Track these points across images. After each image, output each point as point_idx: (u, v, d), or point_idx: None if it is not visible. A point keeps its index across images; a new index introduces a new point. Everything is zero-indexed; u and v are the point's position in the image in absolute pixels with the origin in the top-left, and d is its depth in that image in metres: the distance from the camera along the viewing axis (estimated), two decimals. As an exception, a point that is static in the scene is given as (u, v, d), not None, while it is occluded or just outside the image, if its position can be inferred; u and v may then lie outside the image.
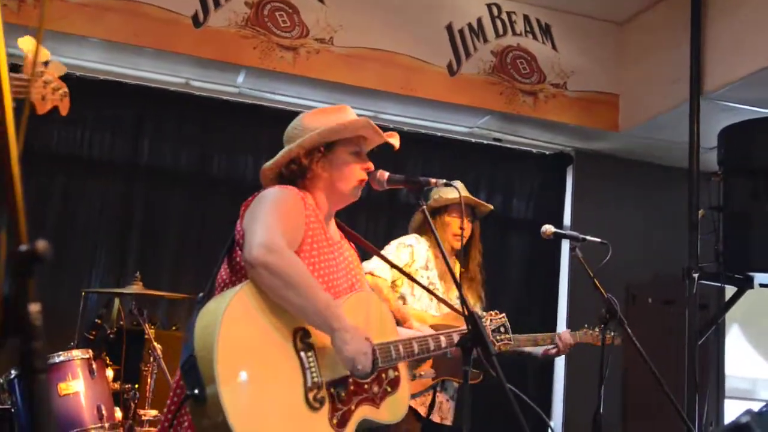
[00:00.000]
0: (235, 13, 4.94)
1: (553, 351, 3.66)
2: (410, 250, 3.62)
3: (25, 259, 1.02)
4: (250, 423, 1.88)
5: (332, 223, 2.45)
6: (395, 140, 2.48)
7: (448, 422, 3.64)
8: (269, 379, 1.97)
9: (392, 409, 2.31)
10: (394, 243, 3.67)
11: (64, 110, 1.80)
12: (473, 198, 3.80)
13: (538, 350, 3.69)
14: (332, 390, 2.11)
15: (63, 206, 5.17)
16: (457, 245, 3.66)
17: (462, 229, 3.58)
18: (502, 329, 3.16)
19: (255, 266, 1.99)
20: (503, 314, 3.18)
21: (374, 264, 3.49)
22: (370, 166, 2.41)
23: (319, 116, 2.40)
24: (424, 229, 3.71)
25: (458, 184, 3.69)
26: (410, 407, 3.39)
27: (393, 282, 3.56)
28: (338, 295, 2.26)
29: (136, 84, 5.35)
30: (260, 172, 2.41)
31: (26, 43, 1.64)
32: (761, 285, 4.88)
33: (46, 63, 1.70)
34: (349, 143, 2.38)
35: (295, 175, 2.33)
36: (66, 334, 4.26)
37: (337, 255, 2.34)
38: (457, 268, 3.69)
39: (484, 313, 3.21)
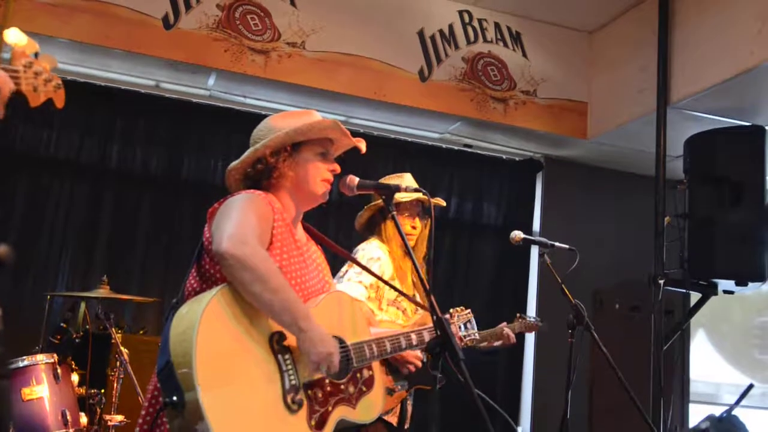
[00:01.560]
0: (206, 16, 4.92)
1: (497, 344, 3.76)
2: (378, 264, 3.56)
3: (-13, 263, 1.00)
4: (229, 428, 1.87)
5: (299, 226, 2.45)
6: (362, 144, 2.49)
7: (407, 424, 3.65)
8: (248, 383, 1.96)
9: (367, 409, 2.33)
10: (362, 257, 3.61)
11: (59, 102, 1.77)
12: (424, 196, 3.72)
13: (483, 344, 3.80)
14: (309, 392, 2.11)
15: (28, 208, 5.09)
16: (410, 244, 3.61)
17: (413, 228, 3.57)
18: (468, 325, 3.20)
19: (226, 257, 1.98)
20: (468, 310, 3.22)
21: (351, 288, 3.46)
22: (337, 167, 2.42)
23: (286, 118, 2.41)
24: (376, 230, 3.65)
25: (408, 176, 3.66)
26: (386, 421, 3.40)
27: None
28: (310, 296, 2.27)
29: (106, 85, 5.30)
30: (226, 172, 2.40)
31: (11, 35, 1.62)
32: (725, 291, 4.96)
33: (35, 54, 1.68)
34: (315, 144, 2.39)
35: (261, 174, 2.32)
36: (30, 338, 4.20)
37: (306, 257, 2.35)
38: (407, 265, 3.64)
39: (451, 310, 3.23)
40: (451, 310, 3.21)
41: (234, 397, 1.91)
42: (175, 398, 1.86)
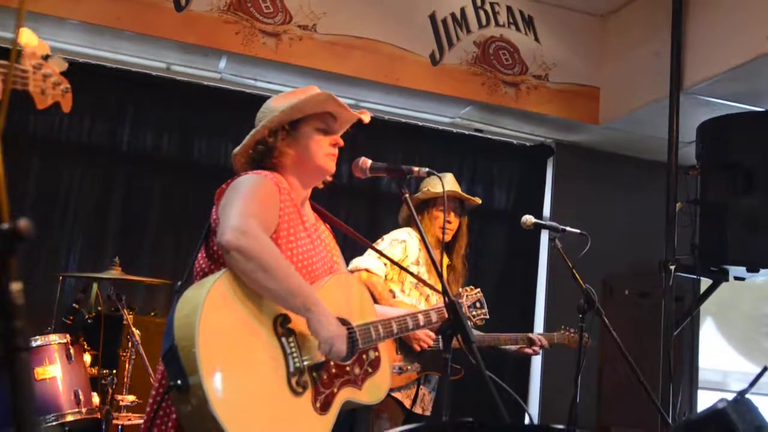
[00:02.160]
0: (218, -2, 4.90)
1: (528, 351, 3.79)
2: (403, 246, 3.66)
3: (6, 237, 1.01)
4: (234, 411, 1.88)
5: (307, 205, 2.45)
6: (365, 116, 2.48)
7: (428, 413, 3.69)
8: (252, 366, 1.97)
9: (373, 390, 2.33)
10: (387, 238, 3.71)
11: (66, 107, 1.76)
12: (461, 192, 3.83)
13: (512, 347, 3.81)
14: (314, 374, 2.12)
15: (40, 190, 5.10)
16: (446, 238, 3.73)
17: (448, 222, 3.66)
18: (477, 304, 3.22)
19: (228, 250, 1.99)
20: (478, 289, 3.24)
21: (369, 261, 3.52)
22: (339, 141, 2.41)
23: (285, 98, 2.41)
24: (413, 222, 3.74)
25: (448, 176, 3.77)
26: (395, 399, 3.45)
27: (384, 277, 3.60)
28: (317, 278, 2.27)
29: (117, 68, 5.29)
30: (231, 156, 2.42)
31: (25, 36, 1.61)
32: (736, 278, 4.94)
33: (46, 57, 1.67)
34: (315, 120, 2.38)
35: (263, 155, 2.33)
36: (43, 318, 4.23)
37: (314, 238, 2.35)
38: (444, 261, 3.75)
39: (460, 290, 3.25)
40: (460, 290, 3.23)
41: (238, 379, 1.92)
42: (179, 381, 1.87)
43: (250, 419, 1.93)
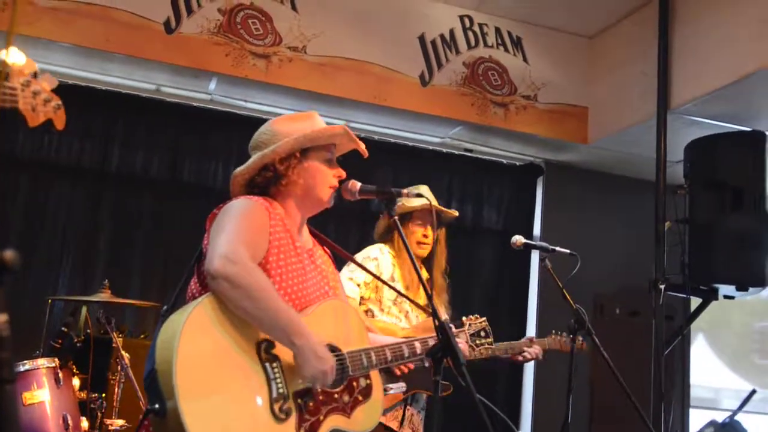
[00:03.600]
0: (208, 20, 4.92)
1: (519, 358, 3.73)
2: (375, 263, 3.58)
3: (-8, 269, 1.00)
4: None
5: (305, 231, 2.44)
6: (364, 151, 2.49)
7: None
8: (232, 391, 1.96)
9: (364, 419, 2.30)
10: (359, 256, 3.64)
11: (59, 124, 1.75)
12: (437, 205, 3.77)
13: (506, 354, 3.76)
14: (299, 400, 2.10)
15: (29, 212, 5.08)
16: (423, 253, 3.66)
17: (425, 236, 3.60)
18: (482, 333, 3.17)
19: (216, 277, 1.98)
20: (484, 318, 3.19)
21: (342, 283, 3.48)
22: (342, 173, 2.42)
23: (290, 123, 2.39)
24: (388, 237, 3.69)
25: (424, 188, 3.69)
26: (383, 424, 3.39)
27: (360, 297, 3.55)
28: (308, 304, 2.25)
29: (107, 89, 5.29)
30: (231, 177, 2.38)
31: (12, 54, 1.61)
32: (725, 296, 4.96)
33: (35, 74, 1.66)
34: (322, 150, 2.38)
35: (269, 181, 2.31)
36: (31, 342, 4.19)
37: (307, 264, 2.33)
38: (424, 276, 3.69)
39: (464, 318, 3.20)
40: (464, 318, 3.18)
41: (216, 405, 1.91)
42: (157, 406, 1.87)
43: None
